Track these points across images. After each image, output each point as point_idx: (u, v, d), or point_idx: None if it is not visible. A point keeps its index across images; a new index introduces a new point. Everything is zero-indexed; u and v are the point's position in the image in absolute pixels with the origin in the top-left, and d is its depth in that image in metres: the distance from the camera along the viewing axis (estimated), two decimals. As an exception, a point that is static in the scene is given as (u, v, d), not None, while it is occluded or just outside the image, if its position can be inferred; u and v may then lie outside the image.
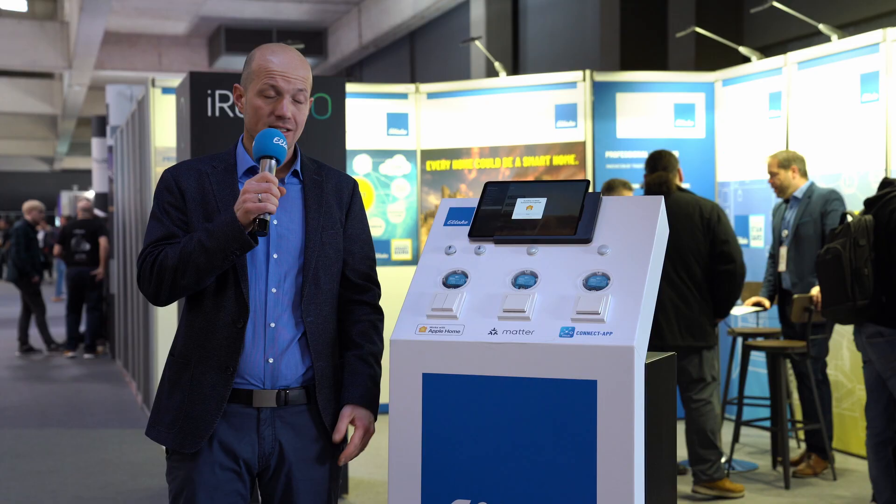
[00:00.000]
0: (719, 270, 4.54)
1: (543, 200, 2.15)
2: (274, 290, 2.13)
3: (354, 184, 2.30)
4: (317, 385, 2.16)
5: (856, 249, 3.81)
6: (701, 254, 4.53)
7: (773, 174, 5.14)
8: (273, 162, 2.07)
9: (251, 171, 2.17)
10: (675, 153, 4.88)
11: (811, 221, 4.99)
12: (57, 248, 10.24)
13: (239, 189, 2.14)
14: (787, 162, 5.09)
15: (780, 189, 5.14)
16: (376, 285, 2.28)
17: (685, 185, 5.04)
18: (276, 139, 2.08)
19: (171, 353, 2.20)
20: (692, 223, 4.51)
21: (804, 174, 5.12)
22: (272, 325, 2.12)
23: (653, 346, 4.55)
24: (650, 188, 4.65)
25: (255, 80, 2.14)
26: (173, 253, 2.07)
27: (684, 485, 4.75)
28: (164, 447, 2.19)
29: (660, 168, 4.71)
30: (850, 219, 3.95)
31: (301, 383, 2.15)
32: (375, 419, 2.21)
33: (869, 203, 3.95)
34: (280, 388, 2.13)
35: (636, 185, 5.97)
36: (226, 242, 2.03)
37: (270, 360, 2.12)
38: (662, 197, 2.15)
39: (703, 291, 4.55)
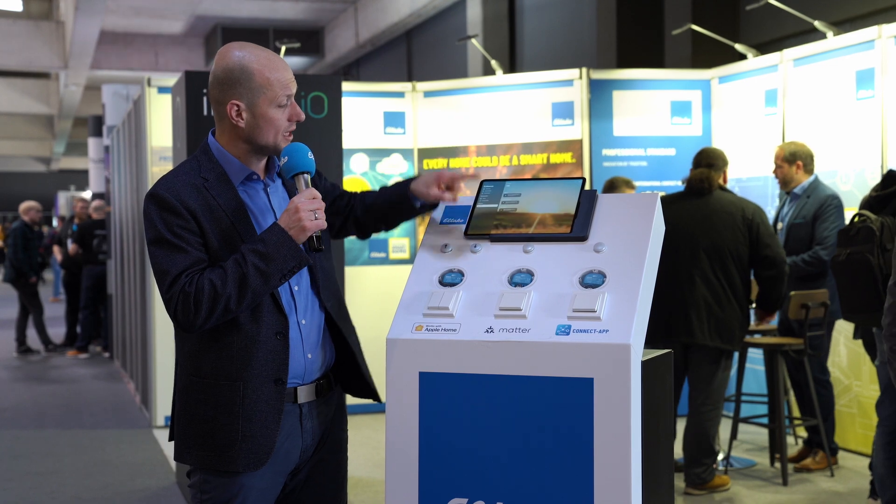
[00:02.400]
0: (763, 276, 4.51)
1: (539, 198, 2.16)
2: (296, 288, 2.16)
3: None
4: (357, 357, 2.24)
5: (884, 254, 3.74)
6: (740, 256, 4.47)
7: (777, 166, 5.14)
8: (307, 176, 2.13)
9: (249, 178, 2.17)
10: (726, 154, 4.81)
11: (804, 224, 4.98)
12: (73, 248, 10.20)
13: (242, 198, 2.14)
14: (793, 157, 5.08)
15: (782, 182, 5.14)
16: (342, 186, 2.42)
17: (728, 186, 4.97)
18: (309, 154, 2.13)
19: (196, 374, 2.12)
20: (734, 224, 4.46)
21: (809, 170, 5.10)
22: (303, 322, 2.16)
23: (682, 343, 4.56)
24: (691, 183, 4.61)
25: (266, 92, 2.09)
26: (220, 279, 2.02)
27: (678, 481, 4.75)
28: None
29: (704, 164, 4.66)
30: (860, 221, 3.87)
31: (326, 370, 2.22)
32: None
33: (881, 200, 3.85)
34: (315, 380, 2.18)
35: (638, 184, 5.98)
36: (283, 263, 2.03)
37: (309, 356, 2.17)
38: (658, 195, 2.15)
39: (737, 293, 4.49)
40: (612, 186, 5.59)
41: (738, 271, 4.49)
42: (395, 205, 2.28)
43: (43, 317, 10.36)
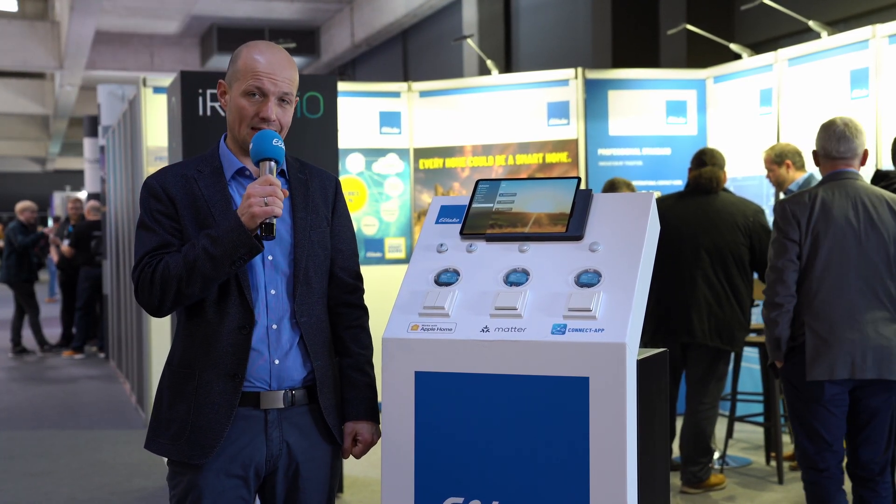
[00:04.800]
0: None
1: (535, 198, 2.16)
2: (273, 292, 2.12)
3: (337, 181, 2.29)
4: (318, 385, 2.15)
5: None
6: (741, 257, 4.48)
7: (769, 170, 5.15)
8: (273, 164, 2.05)
9: (240, 174, 2.15)
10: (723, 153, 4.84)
11: None
12: (70, 251, 10.18)
13: (229, 192, 2.12)
14: (781, 157, 5.10)
15: (777, 185, 5.15)
16: (362, 282, 2.30)
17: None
18: (274, 141, 2.05)
19: (170, 363, 2.15)
20: (735, 225, 4.47)
21: (800, 167, 5.11)
22: (274, 326, 2.11)
23: (683, 342, 4.55)
24: (700, 182, 4.60)
25: (241, 80, 2.10)
26: (175, 262, 2.02)
27: (674, 479, 4.76)
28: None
29: (709, 164, 4.65)
30: None
31: (304, 383, 2.15)
32: (378, 422, 2.24)
33: None
34: (286, 389, 2.12)
35: (633, 183, 5.97)
36: (232, 248, 1.99)
37: (276, 362, 2.11)
38: (654, 194, 2.16)
39: (738, 294, 4.50)
40: (613, 187, 5.59)
41: (739, 272, 4.50)
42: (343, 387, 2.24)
43: (39, 317, 10.34)
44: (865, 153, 3.50)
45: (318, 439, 2.17)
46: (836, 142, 3.45)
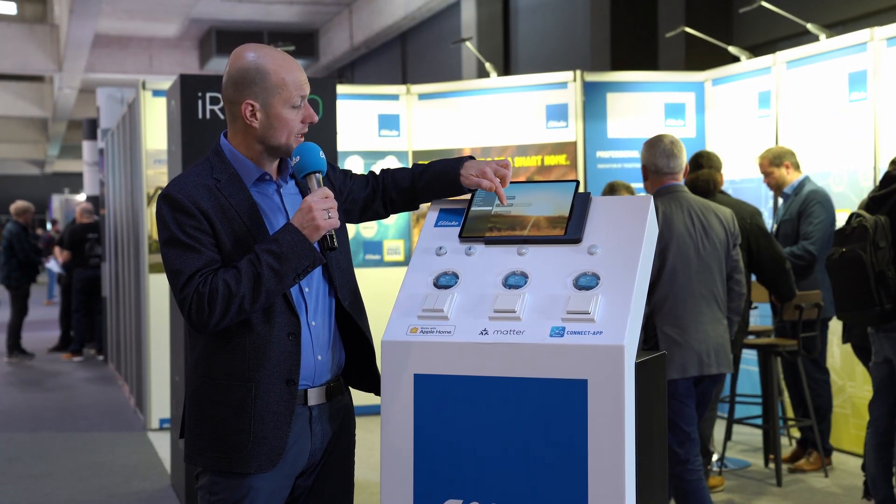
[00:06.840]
0: (763, 279, 4.60)
1: (534, 201, 2.17)
2: (307, 290, 2.15)
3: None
4: (372, 352, 2.23)
5: (877, 252, 3.78)
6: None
7: (767, 174, 5.14)
8: (320, 175, 2.12)
9: (261, 179, 2.16)
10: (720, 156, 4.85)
11: (790, 220, 5.01)
12: (66, 254, 10.16)
13: (254, 199, 2.13)
14: (779, 159, 5.10)
15: (777, 187, 5.15)
16: None
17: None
18: (320, 153, 2.13)
19: (209, 376, 2.11)
20: None
21: (797, 167, 5.13)
22: (313, 323, 2.15)
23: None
24: (696, 184, 4.60)
25: (282, 93, 2.09)
26: (233, 280, 2.01)
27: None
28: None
29: (705, 166, 4.66)
30: (857, 220, 3.91)
31: (336, 373, 2.21)
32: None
33: (877, 200, 3.89)
34: (325, 383, 2.17)
35: (635, 185, 5.99)
36: (297, 262, 2.02)
37: (319, 358, 2.16)
38: (652, 197, 2.16)
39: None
40: (613, 190, 5.60)
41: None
42: (444, 192, 2.29)
43: (23, 321, 10.27)
44: (686, 168, 3.77)
45: (346, 427, 2.25)
46: (665, 158, 3.67)
